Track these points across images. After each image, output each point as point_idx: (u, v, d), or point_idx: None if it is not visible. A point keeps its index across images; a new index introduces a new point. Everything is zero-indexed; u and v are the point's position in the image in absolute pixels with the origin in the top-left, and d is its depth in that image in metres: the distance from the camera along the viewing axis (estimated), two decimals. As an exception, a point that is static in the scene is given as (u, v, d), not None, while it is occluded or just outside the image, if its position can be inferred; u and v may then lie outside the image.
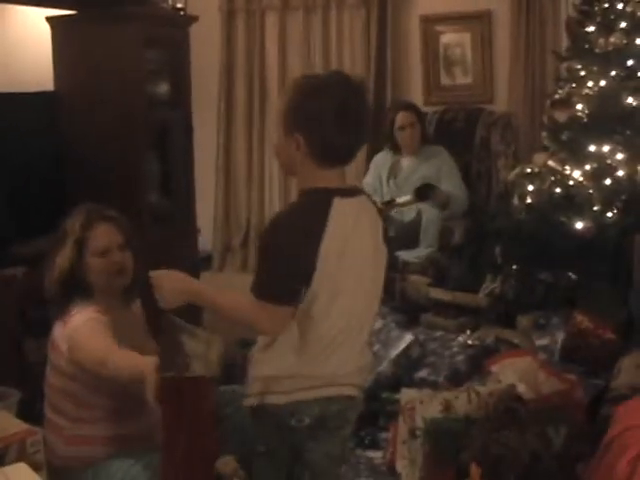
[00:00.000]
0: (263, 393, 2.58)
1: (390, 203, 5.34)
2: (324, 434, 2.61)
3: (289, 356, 2.54)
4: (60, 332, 3.03)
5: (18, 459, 2.78)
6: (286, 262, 2.46)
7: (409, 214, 5.40)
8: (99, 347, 2.87)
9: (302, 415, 2.55)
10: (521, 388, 3.23)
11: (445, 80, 6.34)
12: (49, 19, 5.16)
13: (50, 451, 3.05)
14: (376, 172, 5.68)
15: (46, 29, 5.16)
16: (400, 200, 5.31)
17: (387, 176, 5.59)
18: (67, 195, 4.90)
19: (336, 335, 2.55)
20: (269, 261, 2.52)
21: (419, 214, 5.34)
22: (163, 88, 5.45)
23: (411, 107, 5.68)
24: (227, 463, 3.10)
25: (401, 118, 5.53)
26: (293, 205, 2.69)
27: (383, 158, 5.69)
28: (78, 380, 2.99)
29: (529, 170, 4.78)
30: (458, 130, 5.95)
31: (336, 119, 2.44)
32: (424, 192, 5.15)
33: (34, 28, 5.15)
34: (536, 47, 5.92)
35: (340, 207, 2.48)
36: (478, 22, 6.18)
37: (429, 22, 6.32)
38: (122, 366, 2.75)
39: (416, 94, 6.38)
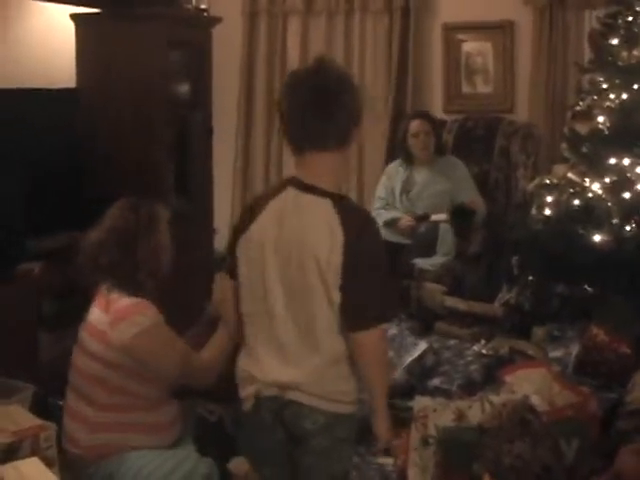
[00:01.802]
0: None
1: (424, 218, 5.35)
2: (293, 443, 2.67)
3: (241, 349, 2.79)
4: (102, 318, 3.05)
5: (31, 454, 2.80)
6: (229, 238, 2.79)
7: (426, 222, 5.39)
8: (178, 352, 3.07)
9: (256, 411, 2.69)
10: (535, 399, 3.21)
11: (466, 88, 6.33)
12: (73, 16, 5.19)
13: (70, 440, 3.07)
14: (389, 185, 5.64)
15: (70, 26, 5.18)
16: (434, 217, 5.31)
17: (400, 190, 5.57)
18: (85, 192, 4.91)
19: (252, 320, 2.68)
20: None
21: (437, 221, 5.33)
22: (184, 88, 5.47)
23: (426, 116, 5.67)
24: (241, 464, 3.11)
25: (415, 125, 5.52)
26: None
27: (396, 170, 5.65)
28: (117, 367, 3.02)
29: (548, 181, 4.77)
30: (478, 139, 5.93)
31: (296, 114, 2.55)
32: (460, 216, 5.16)
33: (58, 25, 5.17)
34: (558, 58, 5.91)
35: (281, 199, 2.62)
36: (500, 32, 6.17)
37: (451, 30, 6.31)
38: (210, 356, 3.09)
39: (436, 102, 6.37)
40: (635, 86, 4.56)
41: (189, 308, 3.44)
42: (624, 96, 4.58)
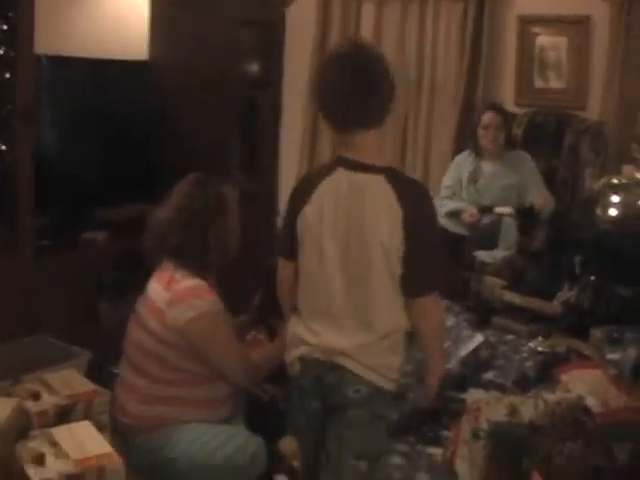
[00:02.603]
0: None
1: (487, 210, 5.33)
2: (329, 412, 2.70)
3: (293, 316, 2.81)
4: (162, 295, 3.07)
5: (84, 417, 2.84)
6: (283, 220, 2.84)
7: (490, 215, 5.36)
8: (231, 343, 3.15)
9: (301, 375, 2.74)
10: (590, 401, 3.18)
11: (538, 83, 6.25)
12: (149, -10, 5.22)
13: (120, 409, 3.11)
14: (456, 174, 5.64)
15: (145, 1, 5.22)
16: (498, 210, 5.30)
17: (468, 180, 5.56)
18: (154, 165, 4.96)
19: (308, 296, 2.73)
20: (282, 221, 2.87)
21: (500, 215, 5.30)
22: (255, 67, 5.48)
23: (499, 109, 5.64)
24: (289, 444, 3.13)
25: (487, 118, 5.51)
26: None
27: (464, 160, 5.65)
28: (172, 346, 3.04)
29: (616, 181, 4.71)
30: (547, 134, 5.87)
31: (339, 94, 2.59)
32: (527, 215, 5.15)
33: (133, -1, 5.22)
34: (634, 57, 5.81)
35: (334, 179, 2.67)
36: (576, 27, 6.08)
37: (526, 23, 6.23)
38: (258, 360, 3.23)
39: (508, 94, 6.31)
40: None
41: (246, 292, 3.47)
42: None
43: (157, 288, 3.12)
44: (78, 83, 4.51)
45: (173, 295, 3.04)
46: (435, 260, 2.70)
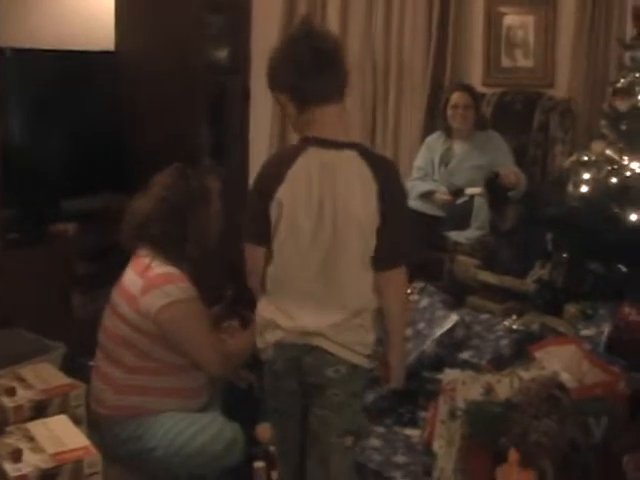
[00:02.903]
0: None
1: (458, 193, 5.35)
2: (309, 395, 2.70)
3: (262, 299, 2.76)
4: (136, 282, 3.07)
5: (60, 412, 2.83)
6: (251, 205, 2.74)
7: (462, 195, 5.37)
8: (204, 332, 3.14)
9: (275, 359, 2.71)
10: (564, 376, 3.20)
11: (506, 62, 6.27)
12: (113, -22, 5.18)
13: (97, 400, 3.11)
14: (428, 155, 5.65)
15: (110, -11, 5.19)
16: (469, 191, 5.32)
17: (439, 161, 5.57)
18: (122, 155, 4.93)
19: (280, 276, 2.70)
20: (247, 206, 2.78)
21: (471, 195, 5.31)
22: (223, 53, 5.46)
23: (467, 88, 5.65)
24: (266, 430, 3.13)
25: (455, 97, 5.52)
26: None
27: (436, 141, 5.66)
28: (145, 333, 3.04)
29: (586, 158, 4.72)
30: (516, 113, 5.89)
31: (300, 72, 2.63)
32: (493, 182, 5.15)
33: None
34: (600, 34, 5.82)
35: (306, 158, 2.63)
36: (543, 5, 6.08)
37: (493, 2, 6.23)
38: (233, 349, 3.21)
39: (476, 74, 6.31)
40: (678, 64, 4.51)
41: (218, 281, 3.46)
42: (666, 73, 4.52)
43: (132, 275, 3.12)
44: (43, 75, 4.48)
45: (147, 282, 3.04)
46: (406, 234, 2.75)
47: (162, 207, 3.11)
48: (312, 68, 2.62)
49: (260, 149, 6.50)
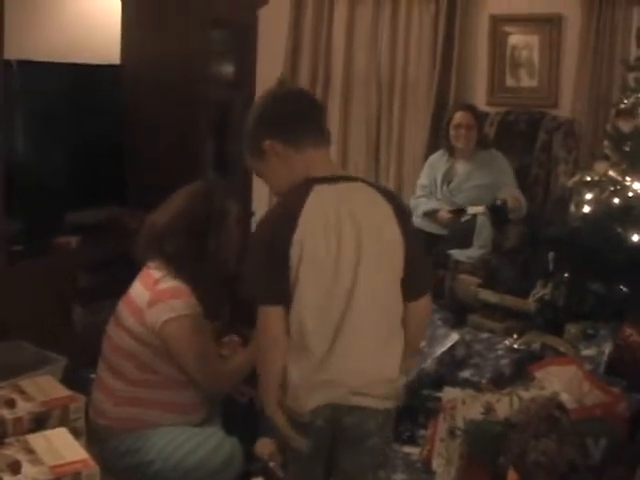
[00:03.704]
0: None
1: (461, 211, 5.36)
2: (346, 444, 2.58)
3: (290, 360, 2.51)
4: (143, 294, 3.07)
5: (60, 424, 2.82)
6: (263, 260, 2.49)
7: (464, 214, 5.38)
8: (203, 350, 3.09)
9: (312, 420, 2.52)
10: (564, 397, 3.20)
11: (510, 82, 6.30)
12: (120, -7, 5.20)
13: (96, 410, 3.11)
14: (431, 174, 5.67)
15: (117, 3, 5.20)
16: (471, 210, 5.32)
17: (441, 180, 5.58)
18: (126, 168, 4.94)
19: (317, 329, 2.47)
20: (256, 263, 2.52)
21: (474, 214, 5.32)
22: (228, 69, 5.47)
23: (470, 108, 5.67)
24: (265, 445, 3.13)
25: (458, 117, 5.54)
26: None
27: (438, 160, 5.68)
28: (148, 345, 3.04)
29: (589, 178, 4.73)
30: (520, 133, 5.91)
31: (299, 118, 2.57)
32: (498, 212, 5.17)
33: (105, 1, 5.19)
34: (605, 55, 5.86)
35: (318, 194, 2.49)
36: (548, 25, 6.12)
37: (498, 22, 6.28)
38: (231, 369, 3.16)
39: (480, 93, 6.34)
40: (681, 86, 4.53)
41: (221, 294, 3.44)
42: (669, 95, 4.54)
43: (140, 288, 3.12)
44: (49, 88, 4.48)
45: (154, 295, 3.04)
46: (426, 258, 2.72)
47: (179, 223, 3.11)
48: (307, 113, 2.59)
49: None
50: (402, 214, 2.56)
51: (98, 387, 3.17)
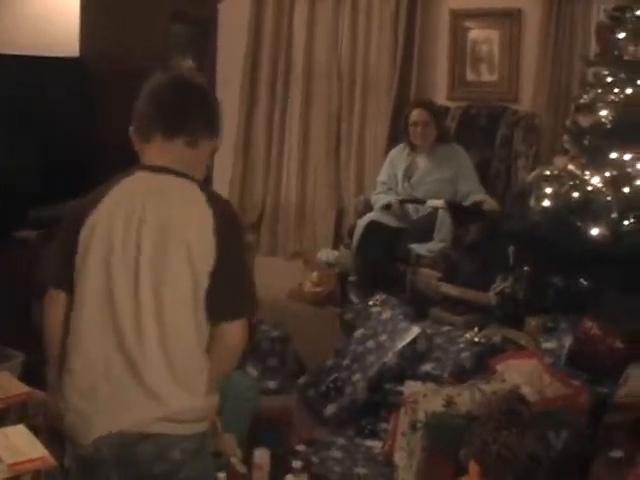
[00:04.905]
0: None
1: (419, 203, 5.37)
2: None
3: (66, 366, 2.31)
4: None
5: (18, 421, 2.79)
6: (58, 238, 2.39)
7: (424, 208, 5.39)
8: None
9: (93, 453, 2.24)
10: (525, 389, 3.22)
11: (470, 76, 6.31)
12: (79, -16, 5.15)
13: (53, 414, 3.06)
14: (392, 169, 5.66)
15: (75, -6, 5.16)
16: (431, 203, 5.33)
17: (403, 175, 5.58)
18: (89, 163, 4.90)
19: (92, 338, 2.23)
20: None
21: (435, 208, 5.33)
22: (188, 63, 5.44)
23: (426, 105, 5.66)
24: (226, 440, 3.11)
25: (414, 115, 5.54)
26: None
27: (399, 154, 5.68)
28: None
29: (548, 172, 4.75)
30: (480, 127, 5.93)
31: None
32: (462, 214, 5.19)
33: (63, -8, 5.15)
34: (564, 50, 5.89)
35: (131, 181, 2.33)
36: (508, 20, 6.15)
37: (458, 17, 6.29)
38: None
39: (441, 88, 6.36)
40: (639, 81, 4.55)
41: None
42: (628, 91, 4.56)
43: None
44: (8, 81, 4.44)
45: None
46: (247, 281, 2.37)
47: None
48: (166, 103, 2.42)
49: (225, 158, 6.50)
50: (223, 222, 2.23)
51: (53, 391, 3.12)
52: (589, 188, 4.53)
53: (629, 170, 4.45)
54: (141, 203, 2.24)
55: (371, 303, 4.57)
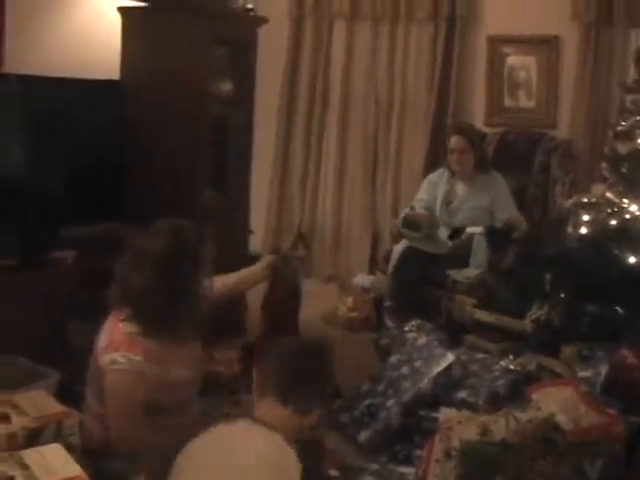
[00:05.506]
0: None
1: (459, 230, 5.34)
2: None
3: None
4: (104, 337, 3.10)
5: (54, 440, 2.81)
6: None
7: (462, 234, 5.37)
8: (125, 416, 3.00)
9: None
10: (560, 418, 3.19)
11: (508, 102, 6.30)
12: (120, 9, 5.22)
13: (87, 434, 3.08)
14: (432, 190, 5.62)
15: (117, 19, 5.21)
16: (470, 230, 5.30)
17: (442, 200, 5.55)
18: (124, 184, 4.94)
19: None
20: None
21: (471, 234, 5.31)
22: (227, 86, 5.48)
23: (465, 131, 5.60)
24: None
25: (452, 142, 5.50)
26: None
27: (439, 178, 5.64)
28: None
29: (586, 200, 4.73)
30: (518, 153, 5.91)
31: None
32: (498, 235, 5.16)
33: (105, 17, 5.21)
34: (602, 76, 5.87)
35: None
36: (545, 47, 6.14)
37: (496, 43, 6.29)
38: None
39: (478, 114, 6.35)
40: (678, 108, 4.53)
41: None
42: (667, 118, 4.54)
43: (105, 327, 3.14)
44: (48, 102, 4.49)
45: (109, 341, 3.06)
46: None
47: (140, 261, 3.07)
48: None
49: (262, 182, 6.53)
50: None
51: (86, 411, 3.15)
52: (627, 216, 4.50)
53: (667, 198, 4.43)
54: None
55: (407, 329, 4.55)
